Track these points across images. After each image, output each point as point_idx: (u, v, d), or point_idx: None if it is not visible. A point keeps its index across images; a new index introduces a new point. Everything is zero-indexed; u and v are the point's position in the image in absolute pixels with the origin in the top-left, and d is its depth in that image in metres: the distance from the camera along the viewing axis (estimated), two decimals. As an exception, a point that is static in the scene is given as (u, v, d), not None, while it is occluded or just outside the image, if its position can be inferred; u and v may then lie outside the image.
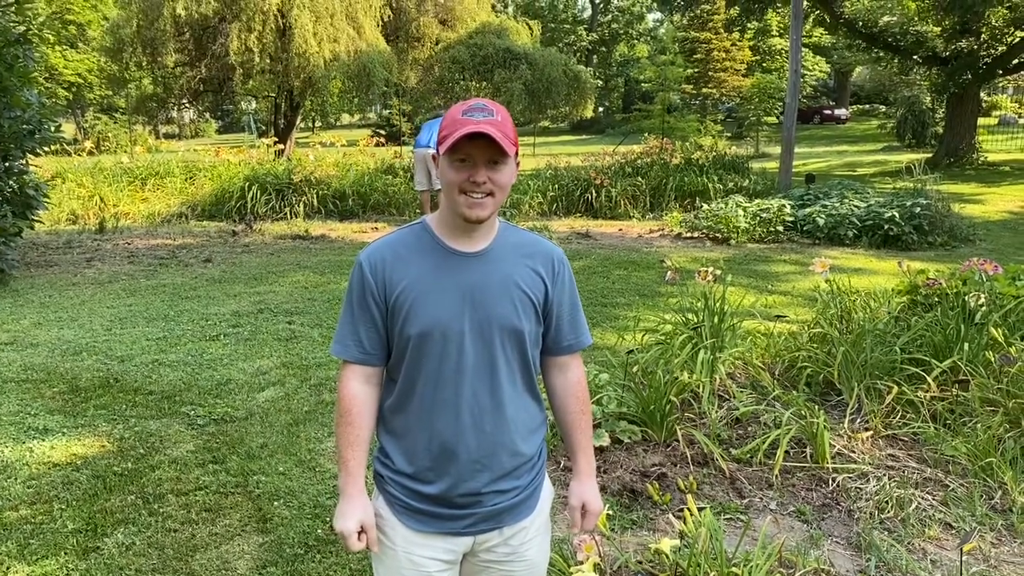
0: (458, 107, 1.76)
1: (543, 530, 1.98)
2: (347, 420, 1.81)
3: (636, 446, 4.18)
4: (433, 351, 1.77)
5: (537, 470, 1.94)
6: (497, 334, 1.79)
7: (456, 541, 1.86)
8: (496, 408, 1.82)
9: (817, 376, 5.10)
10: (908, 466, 4.14)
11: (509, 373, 1.83)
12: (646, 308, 7.21)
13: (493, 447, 1.83)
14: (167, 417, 4.64)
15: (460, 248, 1.81)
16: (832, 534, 3.57)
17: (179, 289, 7.87)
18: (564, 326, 1.95)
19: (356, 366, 1.83)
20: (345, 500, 1.81)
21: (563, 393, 2.00)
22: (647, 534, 3.47)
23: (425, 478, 1.82)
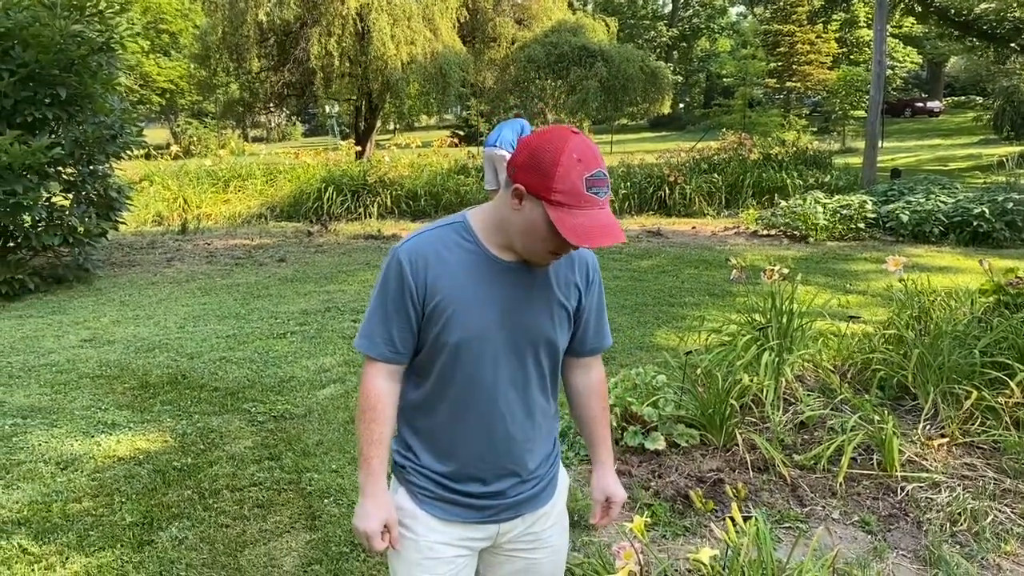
0: (575, 165, 1.59)
1: (562, 516, 2.00)
2: (371, 417, 1.76)
3: (693, 451, 4.06)
4: (469, 359, 1.74)
5: (555, 458, 1.97)
6: (533, 346, 1.79)
7: (479, 529, 1.85)
8: (527, 416, 1.83)
9: (891, 380, 4.86)
10: (986, 476, 3.90)
11: (540, 382, 1.85)
12: (716, 308, 7.02)
13: (522, 453, 1.85)
14: (229, 413, 4.74)
15: (503, 257, 1.75)
16: (898, 546, 3.39)
17: (252, 288, 8.06)
18: (591, 330, 1.95)
19: (383, 364, 1.78)
20: (368, 499, 1.77)
21: (586, 392, 1.99)
22: (700, 542, 3.35)
23: (451, 476, 1.82)
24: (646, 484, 3.73)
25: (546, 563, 1.95)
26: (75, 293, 7.81)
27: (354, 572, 3.13)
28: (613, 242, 1.61)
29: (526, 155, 1.63)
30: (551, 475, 1.94)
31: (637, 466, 3.92)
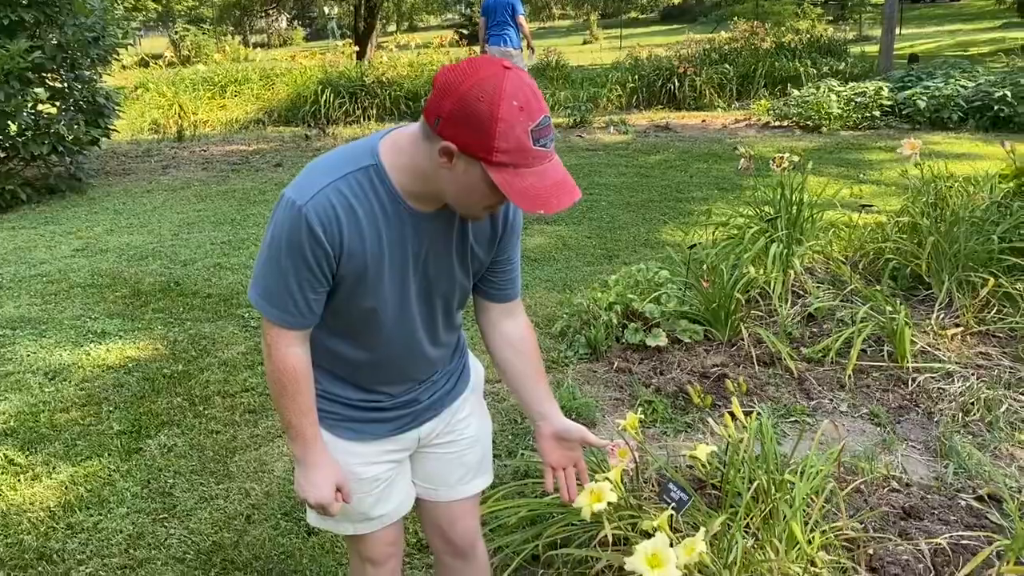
0: (518, 117, 1.32)
1: (479, 404, 1.94)
2: (295, 389, 1.58)
3: (697, 346, 3.92)
4: (377, 314, 1.60)
5: (461, 350, 1.88)
6: (445, 297, 1.68)
7: (398, 440, 1.77)
8: (435, 344, 1.74)
9: (903, 269, 4.68)
10: (1001, 365, 3.76)
11: (447, 319, 1.75)
12: (725, 202, 6.79)
13: (431, 371, 1.78)
14: (222, 320, 4.63)
15: (419, 208, 1.53)
16: (908, 438, 3.27)
17: (248, 194, 7.88)
18: (512, 273, 1.78)
19: (296, 331, 1.56)
20: (311, 470, 1.62)
21: (519, 340, 1.82)
22: (702, 438, 3.25)
23: (357, 398, 1.71)
24: (647, 381, 3.62)
25: (471, 453, 1.90)
26: (68, 203, 7.65)
27: (345, 476, 3.05)
28: (570, 203, 1.38)
29: (453, 104, 1.33)
30: (459, 367, 1.87)
31: (638, 363, 3.79)
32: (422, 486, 1.90)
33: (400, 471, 1.82)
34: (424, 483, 1.90)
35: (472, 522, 1.97)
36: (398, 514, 1.84)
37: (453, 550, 1.97)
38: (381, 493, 1.77)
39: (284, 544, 2.68)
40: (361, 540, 1.83)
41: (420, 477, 1.89)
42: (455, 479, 1.89)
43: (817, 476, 2.45)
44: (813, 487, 2.42)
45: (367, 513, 1.77)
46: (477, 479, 1.93)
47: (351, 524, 1.79)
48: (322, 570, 2.56)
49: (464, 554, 1.97)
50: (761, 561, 2.04)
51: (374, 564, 1.87)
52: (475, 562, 2.01)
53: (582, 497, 1.81)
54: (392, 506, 1.81)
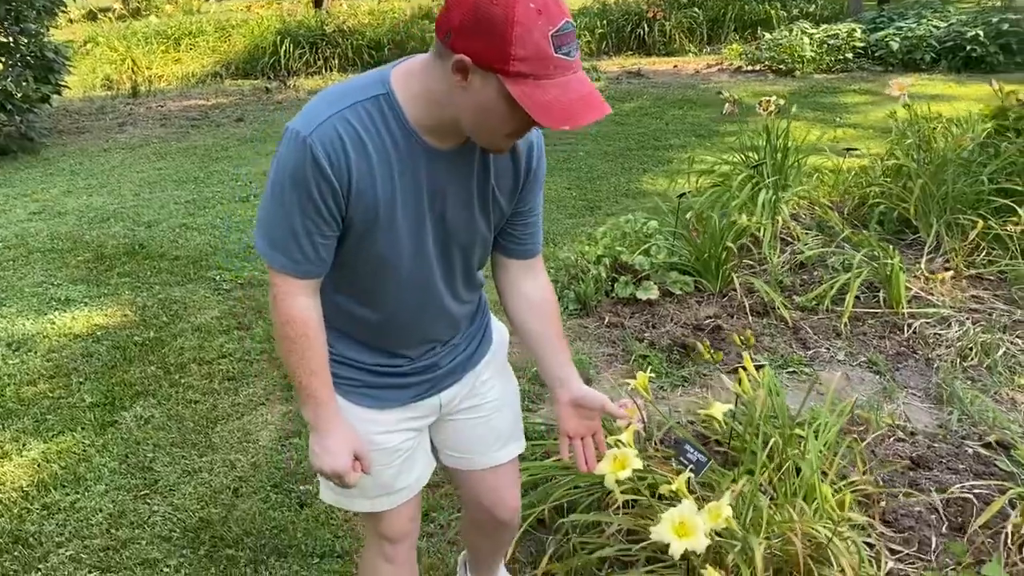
0: (536, 20, 1.19)
1: (504, 368, 1.82)
2: (305, 345, 1.45)
3: (688, 298, 3.83)
4: (391, 266, 1.47)
5: (482, 312, 1.76)
6: (464, 248, 1.55)
7: (418, 407, 1.67)
8: (455, 299, 1.62)
9: (891, 213, 4.61)
10: (995, 308, 3.72)
11: (467, 274, 1.62)
12: (703, 149, 6.67)
13: (452, 332, 1.67)
14: (192, 283, 4.43)
15: (436, 144, 1.39)
16: (908, 385, 3.22)
17: (210, 150, 7.59)
18: (533, 226, 1.65)
19: (304, 281, 1.43)
20: (326, 436, 1.49)
21: (539, 300, 1.69)
22: (699, 391, 3.17)
23: (374, 362, 1.60)
24: (640, 335, 3.52)
25: (499, 418, 1.79)
26: (21, 164, 7.31)
27: (335, 443, 2.92)
28: (598, 117, 1.24)
29: (465, 12, 1.21)
30: (480, 330, 1.75)
31: (629, 317, 3.69)
32: (454, 455, 1.81)
33: (420, 441, 1.72)
34: (456, 452, 1.80)
35: (515, 492, 1.88)
36: (418, 486, 1.72)
37: (494, 520, 1.88)
38: (402, 464, 1.66)
39: (276, 518, 2.56)
40: (379, 517, 1.71)
41: (451, 447, 1.79)
42: (487, 446, 1.79)
43: (831, 430, 2.38)
44: (826, 442, 2.34)
45: (388, 486, 1.65)
46: (510, 444, 1.83)
47: (368, 500, 1.66)
48: (318, 543, 2.44)
49: (504, 521, 1.89)
50: (782, 522, 1.96)
51: (392, 542, 1.75)
52: (511, 527, 1.95)
53: (604, 464, 1.70)
54: (413, 478, 1.70)
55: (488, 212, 1.52)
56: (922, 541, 2.31)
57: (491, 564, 2.10)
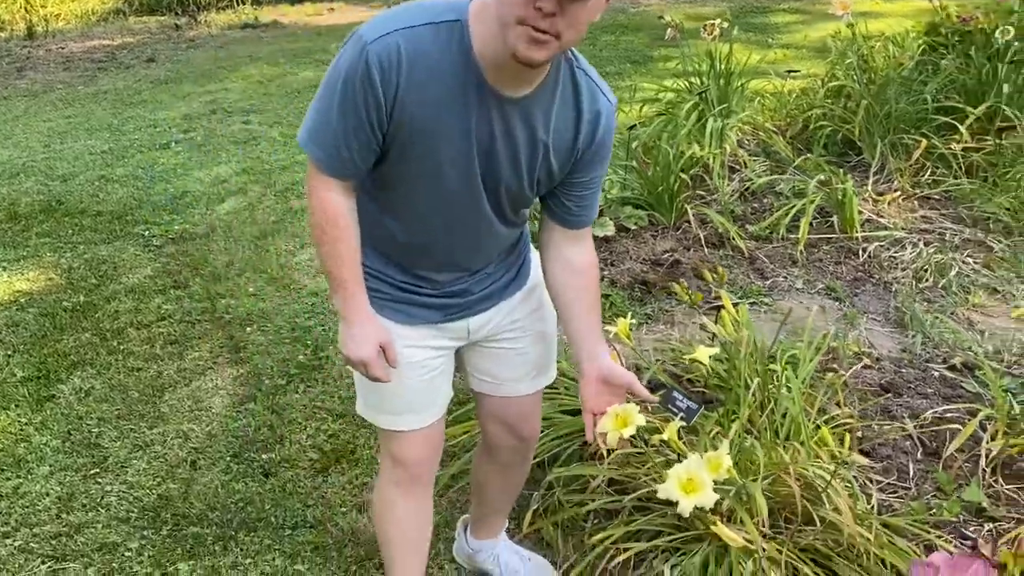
0: None
1: (543, 300, 1.74)
2: (336, 235, 1.45)
3: (643, 232, 3.76)
4: (431, 194, 1.44)
5: (523, 243, 1.71)
6: (507, 198, 1.49)
7: (446, 329, 1.64)
8: (504, 223, 1.55)
9: (835, 135, 4.60)
10: (944, 228, 3.75)
11: (509, 221, 1.56)
12: (640, 76, 6.55)
13: (485, 260, 1.62)
14: (119, 240, 4.16)
15: (496, 86, 1.33)
16: (868, 311, 3.23)
17: (122, 95, 7.12)
18: (589, 197, 1.58)
19: (338, 180, 1.42)
20: (354, 326, 1.50)
21: (581, 271, 1.63)
22: (664, 329, 3.12)
23: (405, 280, 1.59)
24: (601, 274, 3.43)
25: (534, 351, 1.75)
26: (-89, 118, 6.75)
27: (294, 405, 2.79)
28: None
29: None
30: (519, 260, 1.70)
31: (588, 255, 3.60)
32: (484, 380, 1.77)
33: (446, 365, 1.69)
34: (487, 377, 1.77)
35: (537, 414, 1.88)
36: (439, 411, 1.70)
37: (516, 443, 1.86)
38: (426, 384, 1.64)
39: (240, 490, 2.43)
40: (396, 439, 1.68)
41: (481, 371, 1.76)
42: (518, 376, 1.76)
43: (809, 365, 2.35)
44: (805, 378, 2.31)
45: (411, 403, 1.64)
46: (543, 375, 1.80)
47: (390, 416, 1.66)
48: (287, 514, 2.33)
49: (524, 448, 1.89)
50: (776, 464, 1.92)
51: (404, 466, 1.71)
52: (528, 459, 1.95)
53: (606, 421, 1.61)
54: (433, 401, 1.68)
55: (534, 172, 1.45)
56: (900, 469, 2.33)
57: (494, 517, 2.03)
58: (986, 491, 2.19)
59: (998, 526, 2.08)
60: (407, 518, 1.79)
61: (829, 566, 1.81)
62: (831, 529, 1.84)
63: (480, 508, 2.02)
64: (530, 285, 1.73)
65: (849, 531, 1.78)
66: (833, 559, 1.82)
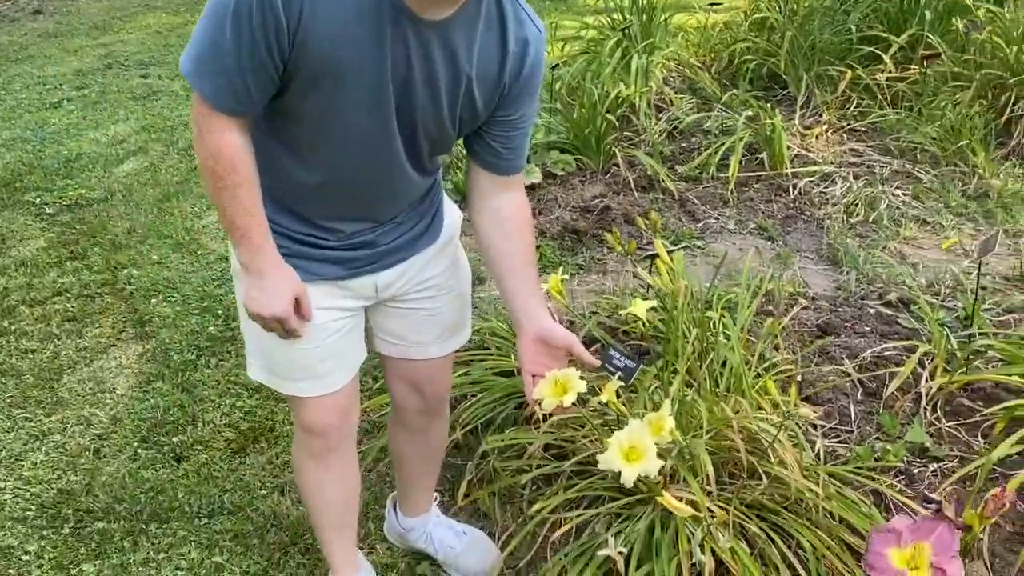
0: None
1: (456, 255, 1.63)
2: (235, 181, 1.27)
3: (571, 178, 3.62)
4: (339, 131, 1.29)
5: (436, 189, 1.57)
6: (425, 138, 1.35)
7: (351, 286, 1.49)
8: (418, 170, 1.41)
9: (760, 69, 4.51)
10: (872, 160, 3.71)
11: (423, 167, 1.42)
12: (560, 14, 6.33)
13: (394, 208, 1.48)
14: (8, 209, 3.83)
15: (413, 7, 1.18)
16: (801, 249, 3.17)
17: (6, 50, 6.59)
18: (517, 140, 1.43)
19: (231, 116, 1.24)
20: (266, 278, 1.34)
21: (510, 217, 1.49)
22: (598, 278, 3.00)
23: (304, 232, 1.43)
24: (529, 223, 3.28)
25: (447, 311, 1.62)
26: None
27: (206, 382, 2.59)
28: None
29: None
30: (432, 209, 1.55)
31: (514, 204, 3.44)
32: (390, 341, 1.64)
33: (354, 325, 1.54)
34: (394, 339, 1.63)
35: (447, 375, 1.75)
36: (347, 376, 1.55)
37: (423, 406, 1.73)
38: (330, 346, 1.49)
39: (149, 478, 2.24)
40: (303, 405, 1.54)
41: (388, 333, 1.63)
42: (429, 338, 1.63)
43: (746, 311, 2.26)
44: (743, 324, 2.22)
45: (312, 368, 1.49)
46: (455, 337, 1.67)
47: (292, 382, 1.51)
48: (203, 501, 2.15)
49: (432, 410, 1.76)
50: (719, 419, 1.83)
51: (315, 434, 1.58)
52: (439, 421, 1.81)
53: (543, 387, 1.48)
54: (341, 364, 1.53)
55: (456, 108, 1.31)
56: (842, 413, 2.27)
57: (419, 492, 1.90)
58: (928, 430, 2.16)
59: (942, 466, 2.04)
60: (328, 489, 1.67)
61: (777, 522, 1.73)
62: (778, 483, 1.77)
63: (404, 483, 1.89)
64: (444, 239, 1.58)
65: (797, 486, 1.71)
66: (781, 514, 1.75)
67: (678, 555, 1.62)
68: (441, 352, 1.66)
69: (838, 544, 1.70)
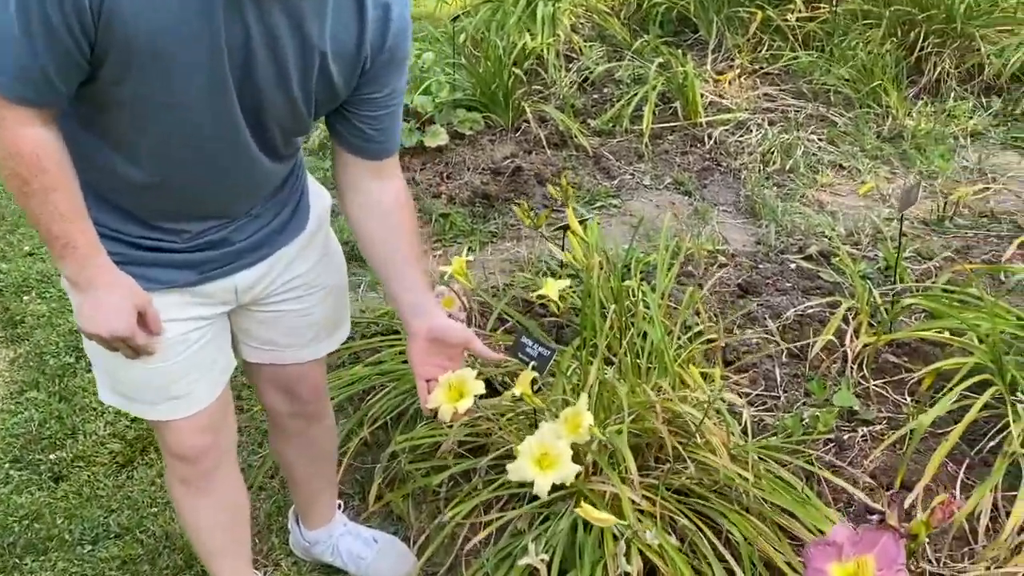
0: None
1: (328, 244, 1.45)
2: (46, 183, 1.07)
3: (480, 138, 3.42)
4: (170, 122, 1.10)
5: (297, 172, 1.37)
6: (276, 125, 1.17)
7: (209, 291, 1.30)
8: (272, 157, 1.23)
9: (670, 13, 4.36)
10: (787, 105, 3.62)
11: (279, 155, 1.25)
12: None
13: (249, 201, 1.29)
14: None
15: None
16: (718, 202, 3.08)
17: None
18: (387, 119, 1.26)
19: (32, 109, 1.03)
20: (99, 291, 1.15)
21: (388, 206, 1.33)
22: (512, 246, 2.85)
23: (142, 235, 1.23)
24: (435, 190, 3.10)
25: (321, 308, 1.46)
26: None
27: (87, 388, 2.35)
28: None
29: None
30: (294, 197, 1.37)
31: (420, 170, 3.25)
32: (258, 348, 1.47)
33: (214, 334, 1.35)
34: (262, 345, 1.46)
35: (321, 370, 1.58)
36: (212, 393, 1.37)
37: (300, 410, 1.57)
38: (187, 362, 1.30)
39: (24, 503, 2.02)
40: (166, 430, 1.36)
41: (256, 339, 1.45)
42: (304, 340, 1.47)
43: (665, 278, 2.14)
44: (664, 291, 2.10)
45: (169, 389, 1.31)
46: (332, 336, 1.52)
47: (149, 405, 1.33)
48: (86, 525, 1.95)
49: (309, 412, 1.59)
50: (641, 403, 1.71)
51: (185, 460, 1.40)
52: (321, 422, 1.64)
53: (438, 393, 1.33)
54: (204, 379, 1.35)
55: (310, 89, 1.13)
56: (767, 377, 2.18)
57: (318, 501, 1.74)
58: (855, 390, 2.09)
59: (872, 430, 1.97)
60: (206, 515, 1.50)
61: (706, 511, 1.63)
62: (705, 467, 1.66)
63: (299, 493, 1.73)
64: (311, 229, 1.40)
65: (725, 472, 1.60)
66: (710, 500, 1.65)
67: (604, 557, 1.50)
68: (316, 355, 1.50)
69: (771, 529, 1.61)
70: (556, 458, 1.33)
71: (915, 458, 1.81)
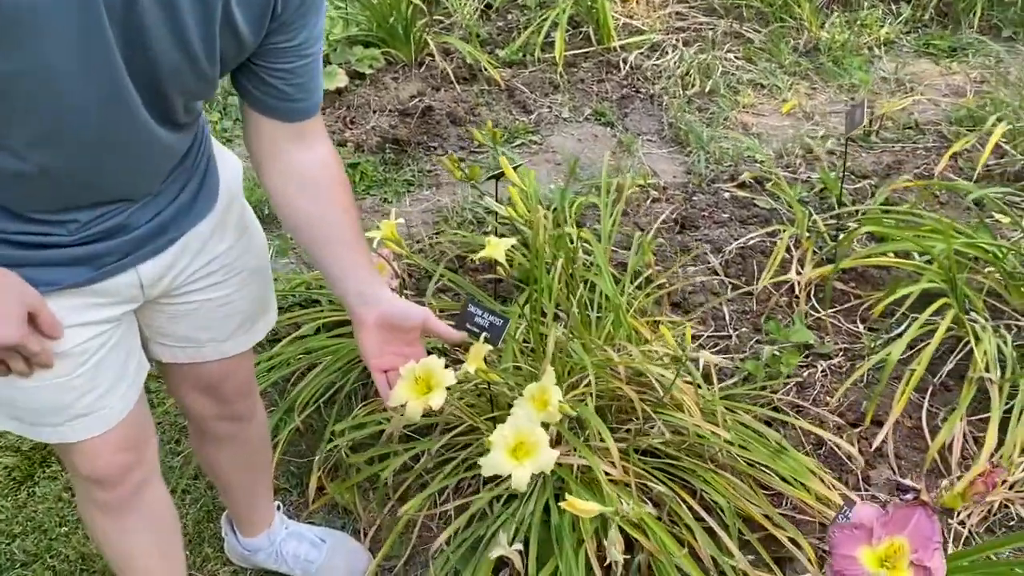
0: None
1: (240, 220, 1.24)
2: None
3: (382, 76, 3.17)
4: (46, 99, 0.89)
5: (201, 136, 1.15)
6: (175, 89, 0.97)
7: (109, 288, 1.09)
8: (158, 151, 1.04)
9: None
10: (700, 23, 3.49)
11: (178, 123, 1.04)
12: None
13: (150, 181, 1.08)
14: None
15: None
16: (641, 131, 2.94)
17: None
18: (305, 73, 1.06)
19: None
20: None
21: (316, 175, 1.13)
22: (432, 195, 2.65)
23: (27, 234, 1.02)
24: (341, 139, 2.85)
25: (243, 296, 1.26)
26: None
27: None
28: None
29: None
30: (199, 169, 1.16)
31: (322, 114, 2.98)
32: (175, 347, 1.26)
33: (120, 336, 1.14)
34: (179, 343, 1.25)
35: (248, 364, 1.39)
36: (126, 404, 1.16)
37: (227, 411, 1.38)
38: (92, 372, 1.10)
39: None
40: (76, 452, 1.15)
41: (170, 337, 1.25)
42: (227, 332, 1.27)
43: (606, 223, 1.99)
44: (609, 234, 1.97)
45: (73, 406, 1.10)
46: (259, 322, 1.33)
47: (51, 428, 1.12)
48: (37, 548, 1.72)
49: (238, 413, 1.41)
50: (601, 366, 1.58)
51: (104, 485, 1.20)
52: (253, 421, 1.45)
53: (401, 387, 1.16)
54: (113, 391, 1.13)
55: (213, 43, 0.92)
56: (716, 316, 2.09)
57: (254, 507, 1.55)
58: (808, 322, 2.02)
59: (830, 364, 1.91)
60: (133, 538, 1.29)
61: (679, 475, 1.53)
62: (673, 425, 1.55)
63: (232, 500, 1.55)
64: (224, 202, 1.20)
65: (698, 431, 1.50)
66: (681, 459, 1.55)
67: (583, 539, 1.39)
68: (241, 348, 1.30)
69: (746, 483, 1.53)
70: (533, 446, 1.19)
71: (875, 389, 1.76)
